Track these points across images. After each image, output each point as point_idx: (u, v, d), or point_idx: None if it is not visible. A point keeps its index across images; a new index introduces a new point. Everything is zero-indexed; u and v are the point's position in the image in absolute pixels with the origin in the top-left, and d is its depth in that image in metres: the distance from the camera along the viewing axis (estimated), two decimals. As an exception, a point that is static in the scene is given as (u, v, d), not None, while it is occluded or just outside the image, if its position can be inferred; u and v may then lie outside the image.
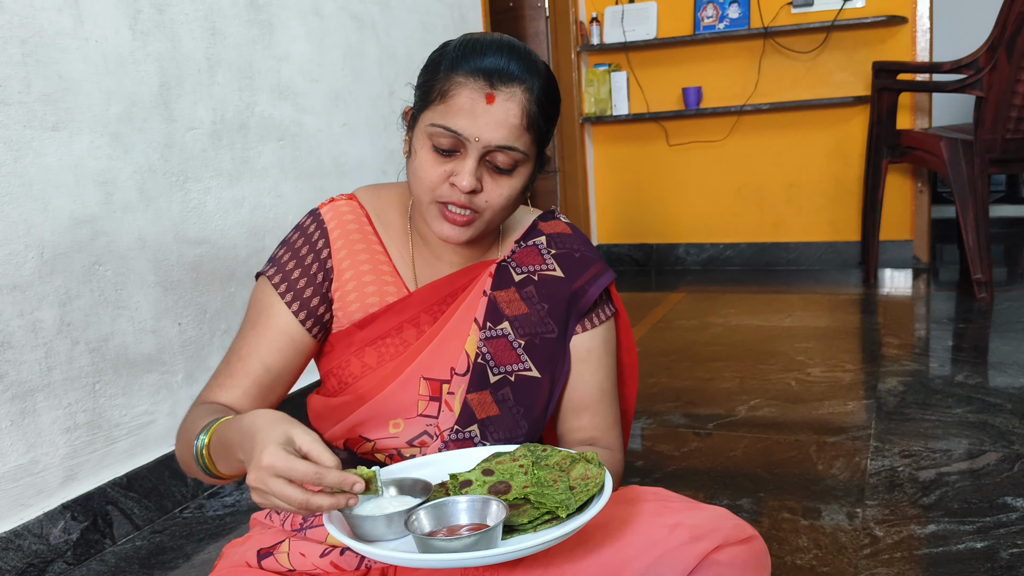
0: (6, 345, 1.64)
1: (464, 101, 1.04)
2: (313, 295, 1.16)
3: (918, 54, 4.18)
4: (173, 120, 2.01)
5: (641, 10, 4.56)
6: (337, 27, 2.62)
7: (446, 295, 1.18)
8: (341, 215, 1.19)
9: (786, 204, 4.54)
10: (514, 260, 1.20)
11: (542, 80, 1.08)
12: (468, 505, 0.93)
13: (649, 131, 4.71)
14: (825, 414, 2.35)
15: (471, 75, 1.05)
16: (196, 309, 2.08)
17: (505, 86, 1.05)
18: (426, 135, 1.07)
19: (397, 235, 1.21)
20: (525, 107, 1.05)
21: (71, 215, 1.76)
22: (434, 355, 1.15)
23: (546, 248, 1.22)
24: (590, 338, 1.22)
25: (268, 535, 1.16)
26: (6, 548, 1.63)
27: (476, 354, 1.16)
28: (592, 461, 1.00)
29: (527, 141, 1.07)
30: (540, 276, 1.20)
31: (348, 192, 1.25)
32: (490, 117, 1.04)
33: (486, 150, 1.05)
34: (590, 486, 0.95)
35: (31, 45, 1.68)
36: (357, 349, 1.17)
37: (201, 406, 1.13)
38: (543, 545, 0.87)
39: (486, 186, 1.08)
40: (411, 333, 1.16)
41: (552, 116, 1.11)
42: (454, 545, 0.86)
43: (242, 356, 1.15)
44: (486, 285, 1.18)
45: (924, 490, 1.85)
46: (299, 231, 1.20)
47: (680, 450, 2.16)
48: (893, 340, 3.06)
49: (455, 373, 1.15)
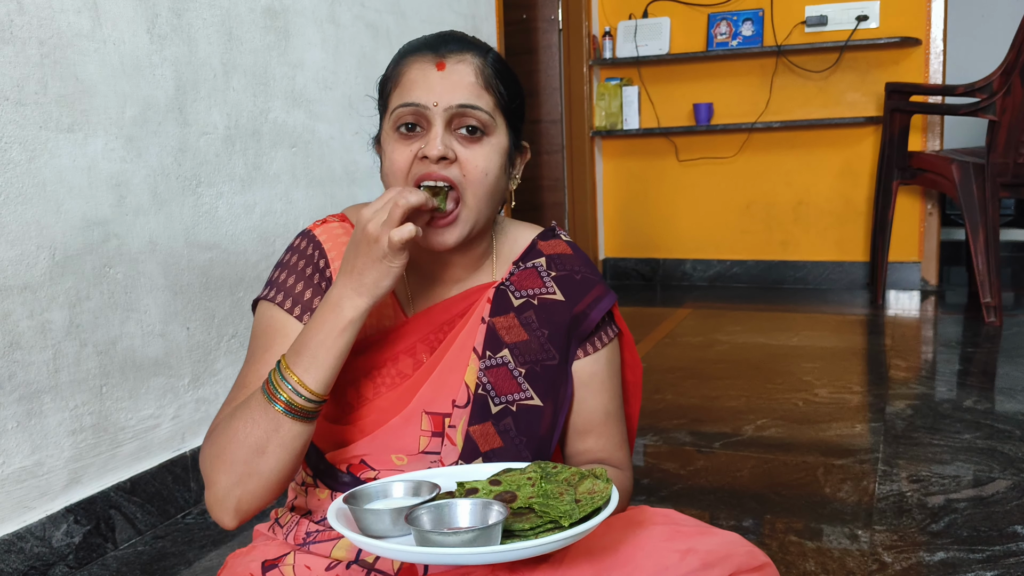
0: (15, 346, 1.63)
1: (416, 74, 1.06)
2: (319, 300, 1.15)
3: (931, 76, 4.18)
4: (187, 124, 2.01)
5: (654, 25, 4.56)
6: (352, 36, 2.62)
7: (443, 323, 1.15)
8: (335, 235, 1.17)
9: (794, 223, 4.53)
10: (512, 283, 1.17)
11: (492, 52, 1.10)
12: (470, 507, 0.92)
13: (659, 146, 4.71)
14: (832, 436, 2.33)
15: (419, 54, 1.07)
16: (205, 314, 2.07)
17: (454, 55, 1.06)
18: (391, 127, 1.08)
19: None
20: (478, 68, 1.07)
21: (83, 217, 1.76)
22: (435, 388, 1.13)
23: (546, 270, 1.19)
24: (593, 362, 1.19)
25: (273, 547, 1.14)
26: (8, 550, 1.62)
27: (476, 384, 1.13)
28: (600, 477, 0.99)
29: (489, 102, 1.07)
30: (540, 300, 1.17)
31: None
32: (445, 81, 1.05)
33: (448, 114, 1.05)
34: (596, 499, 0.94)
35: (49, 46, 1.68)
36: (352, 377, 1.13)
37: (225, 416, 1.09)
38: (542, 547, 0.86)
39: (459, 155, 1.06)
40: (408, 363, 1.14)
41: (509, 82, 1.11)
42: (452, 540, 0.86)
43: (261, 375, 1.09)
44: (484, 312, 1.15)
45: (933, 516, 1.83)
46: (294, 251, 1.17)
47: (686, 468, 2.15)
48: (901, 363, 3.05)
49: (456, 405, 1.13)
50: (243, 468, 1.00)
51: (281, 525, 1.17)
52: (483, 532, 0.86)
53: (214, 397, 2.11)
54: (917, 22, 4.17)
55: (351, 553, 1.08)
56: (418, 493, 0.97)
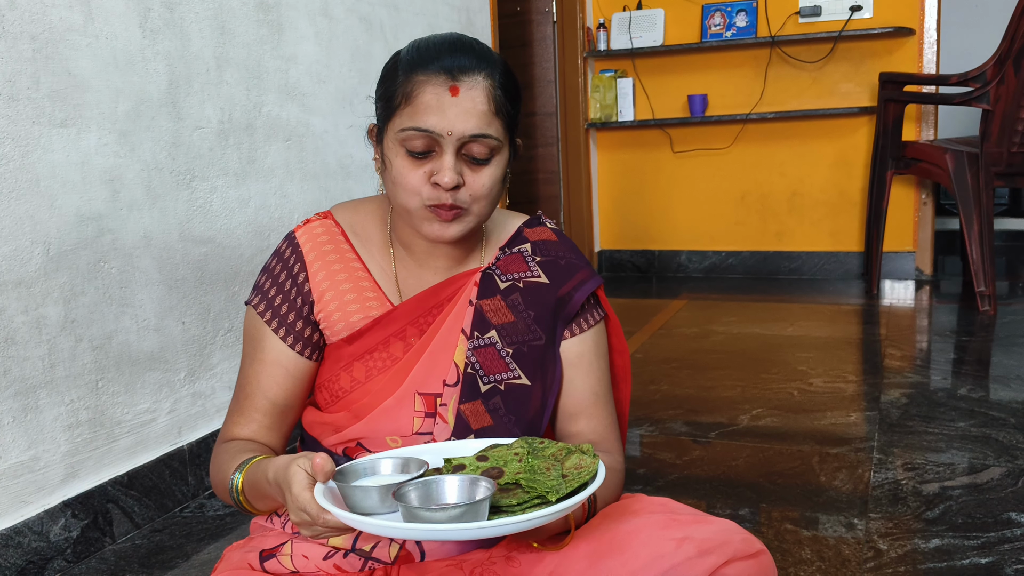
0: (10, 341, 1.63)
1: (429, 98, 1.05)
2: (298, 321, 1.18)
3: (925, 66, 4.18)
4: (181, 119, 2.01)
5: (648, 17, 4.56)
6: (346, 29, 2.62)
7: (432, 306, 1.18)
8: (315, 237, 1.20)
9: (789, 213, 4.54)
10: (499, 267, 1.20)
11: (500, 66, 1.09)
12: (457, 484, 0.93)
13: (654, 138, 4.71)
14: (827, 425, 2.34)
15: (432, 73, 1.05)
16: (200, 308, 2.07)
17: (467, 76, 1.05)
18: (398, 142, 1.08)
19: (377, 249, 1.21)
20: (490, 93, 1.06)
21: (77, 212, 1.76)
22: (425, 369, 1.16)
23: (531, 255, 1.22)
24: (579, 343, 1.22)
25: (270, 537, 1.15)
26: (6, 545, 1.62)
27: (465, 364, 1.16)
28: (587, 453, 1.00)
29: (498, 127, 1.08)
30: (525, 283, 1.20)
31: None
32: (459, 108, 1.04)
33: (460, 142, 1.05)
34: (583, 474, 0.95)
35: (41, 41, 1.68)
36: (346, 364, 1.17)
37: (225, 444, 1.18)
38: (529, 522, 0.86)
39: (467, 179, 1.08)
40: (398, 347, 1.16)
41: (516, 99, 1.12)
42: (439, 516, 0.86)
43: (248, 394, 1.19)
44: (472, 294, 1.18)
45: (928, 504, 1.84)
46: (277, 257, 1.21)
47: (682, 458, 2.16)
48: (896, 352, 3.06)
49: (446, 384, 1.15)
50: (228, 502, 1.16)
51: (278, 515, 1.18)
52: (471, 508, 0.87)
53: (210, 391, 2.11)
54: (911, 12, 4.17)
55: (348, 541, 1.09)
56: (406, 470, 0.98)
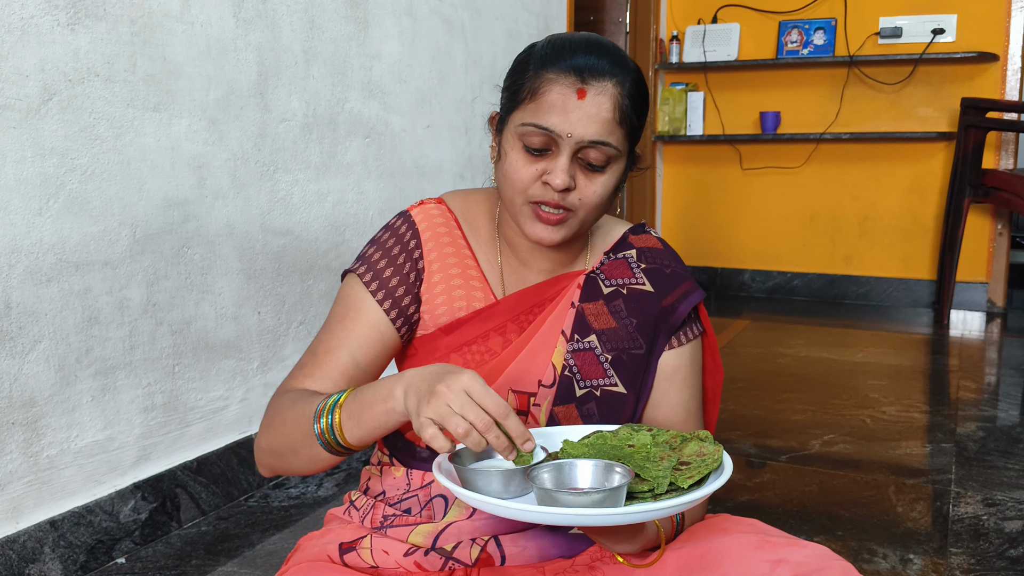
0: (93, 321, 1.64)
1: (555, 97, 1.02)
2: (404, 292, 1.14)
3: (1007, 93, 4.07)
4: (268, 110, 2.02)
5: (723, 31, 4.51)
6: (428, 29, 2.62)
7: (533, 305, 1.15)
8: (432, 217, 1.18)
9: (859, 237, 4.44)
10: (603, 272, 1.18)
11: (632, 75, 1.05)
12: (592, 468, 0.90)
13: (722, 153, 4.65)
14: (902, 455, 2.27)
15: (562, 72, 1.02)
16: (275, 299, 2.08)
17: (596, 81, 1.02)
18: (516, 135, 1.05)
19: (485, 241, 1.19)
20: (617, 101, 1.03)
21: (164, 196, 1.77)
22: (522, 367, 1.13)
23: (636, 262, 1.19)
24: (677, 356, 1.18)
25: (348, 530, 1.14)
26: (77, 524, 1.63)
27: (563, 366, 1.13)
28: (706, 440, 0.96)
29: (619, 136, 1.04)
30: (629, 290, 1.17)
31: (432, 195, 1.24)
32: (582, 112, 1.01)
33: (579, 146, 1.03)
34: (708, 462, 0.92)
35: (139, 25, 1.70)
36: (442, 355, 1.14)
37: (293, 392, 1.11)
38: (670, 509, 0.84)
39: (579, 184, 1.05)
40: (497, 342, 1.14)
41: (643, 112, 1.08)
42: (580, 500, 0.83)
43: (331, 349, 1.13)
44: (574, 296, 1.15)
45: (1011, 542, 1.77)
46: (389, 231, 1.18)
47: (752, 481, 2.11)
48: (969, 384, 2.97)
49: (542, 385, 1.13)
50: (280, 450, 1.07)
51: (357, 508, 1.17)
52: (611, 494, 0.84)
53: (281, 382, 2.11)
54: (995, 37, 4.06)
55: (428, 539, 1.07)
56: None
